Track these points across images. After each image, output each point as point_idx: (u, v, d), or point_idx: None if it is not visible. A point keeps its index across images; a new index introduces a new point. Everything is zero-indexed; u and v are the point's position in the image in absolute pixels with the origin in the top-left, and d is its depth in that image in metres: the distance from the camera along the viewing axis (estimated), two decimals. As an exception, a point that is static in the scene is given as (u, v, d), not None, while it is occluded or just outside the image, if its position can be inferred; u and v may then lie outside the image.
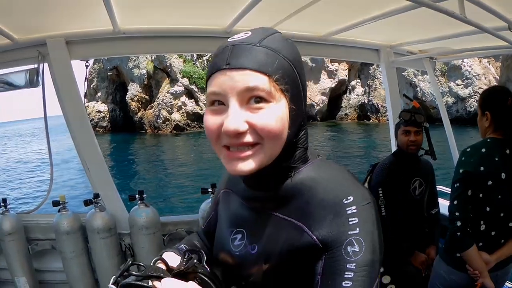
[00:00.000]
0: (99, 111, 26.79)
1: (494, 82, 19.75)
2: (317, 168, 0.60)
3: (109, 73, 26.22)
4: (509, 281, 1.81)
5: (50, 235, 2.15)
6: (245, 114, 0.52)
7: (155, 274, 0.56)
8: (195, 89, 23.45)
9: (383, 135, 15.78)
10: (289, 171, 0.59)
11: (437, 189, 2.13)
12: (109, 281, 0.58)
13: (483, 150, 1.43)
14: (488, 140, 1.47)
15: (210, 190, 2.10)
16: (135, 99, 24.37)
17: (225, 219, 0.71)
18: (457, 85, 20.77)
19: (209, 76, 0.55)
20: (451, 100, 20.78)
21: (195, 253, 0.62)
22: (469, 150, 1.47)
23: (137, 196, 1.97)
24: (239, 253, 0.63)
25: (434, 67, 2.42)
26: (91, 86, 27.33)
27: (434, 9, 1.40)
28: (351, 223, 0.52)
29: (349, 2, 1.71)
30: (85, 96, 2.03)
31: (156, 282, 0.55)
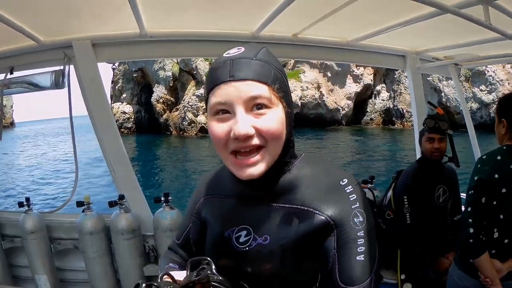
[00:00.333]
0: (124, 112, 27.12)
1: (518, 88, 19.46)
2: (307, 160, 0.69)
3: (134, 75, 26.58)
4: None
5: (73, 234, 2.18)
6: (251, 120, 0.58)
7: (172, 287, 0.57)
8: (222, 91, 23.59)
9: (407, 140, 15.50)
10: (286, 166, 0.67)
11: (461, 196, 2.11)
12: (131, 282, 0.60)
13: (498, 158, 1.42)
14: (504, 148, 1.45)
15: (163, 199, 2.01)
16: (161, 101, 24.64)
17: (218, 221, 0.72)
18: (481, 90, 20.43)
19: (211, 88, 0.61)
20: (475, 105, 20.45)
21: (201, 262, 0.61)
22: (484, 157, 1.47)
23: (162, 198, 1.98)
24: (248, 248, 0.65)
25: (459, 74, 2.39)
26: (116, 87, 27.74)
27: (459, 16, 1.39)
28: (351, 199, 0.63)
29: (375, 9, 1.70)
30: (110, 97, 2.04)
31: None
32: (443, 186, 1.97)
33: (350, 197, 0.63)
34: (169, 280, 0.60)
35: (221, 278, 0.57)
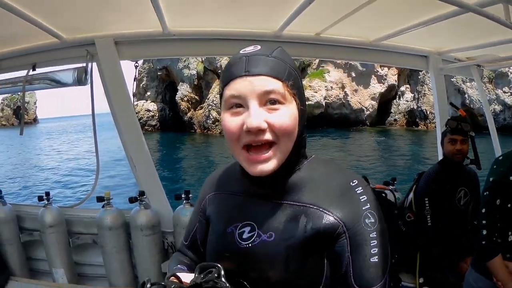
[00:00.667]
0: (148, 110, 27.45)
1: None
2: (317, 162, 0.70)
3: (158, 73, 26.88)
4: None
5: (92, 229, 2.21)
6: (264, 114, 0.59)
7: (176, 287, 0.56)
8: (246, 91, 23.69)
9: (431, 142, 15.28)
10: (296, 165, 0.67)
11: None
12: (149, 277, 0.60)
13: None
14: None
15: (183, 196, 2.04)
16: (185, 99, 24.89)
17: (222, 218, 0.71)
18: (504, 92, 19.91)
19: (226, 83, 0.62)
20: (498, 107, 19.94)
21: (212, 267, 0.60)
22: (501, 158, 1.45)
23: (183, 196, 1.99)
24: (251, 245, 0.64)
25: (482, 75, 2.35)
26: (141, 85, 28.04)
27: (479, 14, 1.37)
28: (362, 200, 0.62)
29: (397, 8, 1.69)
30: (134, 95, 2.06)
31: None
32: (465, 188, 1.95)
33: (360, 198, 0.62)
34: (175, 281, 0.59)
35: (228, 286, 0.56)
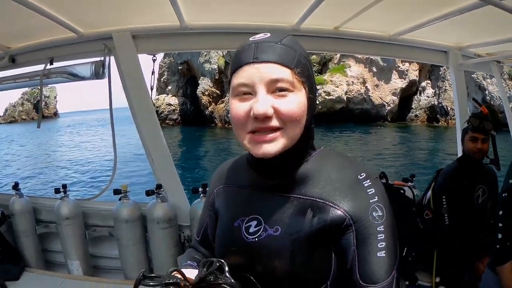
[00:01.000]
0: (169, 104, 27.57)
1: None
2: (326, 154, 0.68)
3: (179, 67, 26.97)
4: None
5: (109, 222, 2.23)
6: (271, 100, 0.58)
7: (172, 281, 0.54)
8: (267, 85, 23.65)
9: (451, 139, 15.15)
10: (304, 156, 0.66)
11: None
12: (164, 271, 0.58)
13: None
14: None
15: (200, 189, 2.04)
16: (206, 93, 24.85)
17: (229, 212, 0.71)
18: None
19: (234, 70, 0.62)
20: None
21: (215, 262, 0.59)
22: None
23: (200, 189, 2.00)
24: (257, 239, 0.63)
25: (502, 71, 2.30)
26: (162, 79, 28.23)
27: (499, 7, 1.34)
28: (370, 193, 0.60)
29: (417, 1, 1.66)
30: (151, 88, 2.07)
31: None
32: (483, 186, 1.93)
33: (368, 191, 0.60)
34: (177, 275, 0.57)
35: (233, 281, 0.54)
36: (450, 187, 1.88)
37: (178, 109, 27.65)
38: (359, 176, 0.62)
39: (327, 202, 0.60)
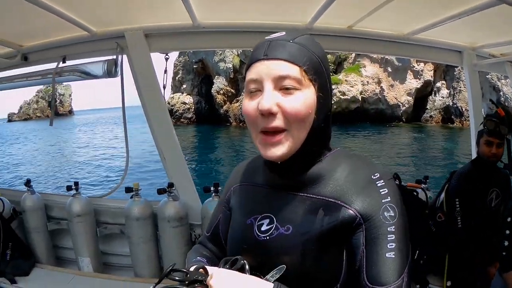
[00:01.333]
0: (184, 103, 27.74)
1: None
2: (340, 154, 0.67)
3: (194, 66, 27.07)
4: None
5: (120, 220, 2.24)
6: (277, 97, 0.59)
7: (200, 278, 0.55)
8: (282, 84, 23.58)
9: (466, 140, 15.03)
10: (317, 156, 0.65)
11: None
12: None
13: None
14: None
15: (212, 189, 2.04)
16: (221, 92, 24.90)
17: (243, 210, 0.71)
18: None
19: (248, 67, 0.63)
20: None
21: (235, 261, 0.59)
22: None
23: (212, 188, 2.00)
24: (269, 237, 0.63)
25: (517, 71, 2.27)
26: (176, 78, 28.43)
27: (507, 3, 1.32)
28: (382, 193, 0.59)
29: (430, 0, 1.64)
30: (164, 87, 2.07)
31: None
32: (496, 189, 1.91)
33: (381, 191, 0.59)
34: (202, 272, 0.58)
35: None
36: (464, 190, 1.86)
37: (193, 107, 27.77)
38: (372, 176, 0.61)
39: (339, 202, 0.60)
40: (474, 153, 1.98)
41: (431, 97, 24.22)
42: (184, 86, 28.27)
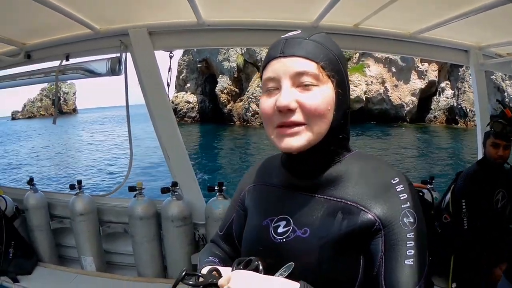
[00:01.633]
0: (188, 102, 27.72)
1: None
2: (360, 156, 0.66)
3: (198, 65, 27.06)
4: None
5: (123, 219, 2.23)
6: (295, 94, 0.58)
7: (214, 282, 0.55)
8: (286, 84, 23.47)
9: (470, 141, 14.76)
10: (336, 156, 0.64)
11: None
12: (177, 269, 0.59)
13: None
14: None
15: (216, 188, 2.03)
16: (225, 91, 24.87)
17: (259, 211, 0.70)
18: None
19: (264, 66, 0.63)
20: None
21: (250, 261, 0.59)
22: None
23: (216, 188, 1.99)
24: (285, 240, 0.62)
25: (523, 71, 2.26)
26: (180, 77, 28.38)
27: None
28: (402, 198, 0.58)
29: None
30: (168, 85, 2.06)
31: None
32: (503, 190, 1.90)
33: (400, 196, 0.58)
34: (216, 275, 0.58)
35: None
36: (471, 191, 1.84)
37: (197, 106, 27.75)
38: (392, 181, 0.60)
39: (358, 205, 0.59)
40: (480, 153, 1.96)
41: (435, 97, 24.09)
42: (188, 85, 28.25)
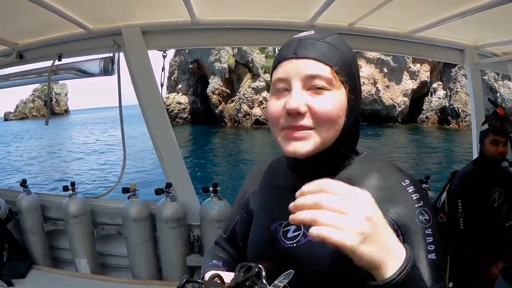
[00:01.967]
0: (179, 103, 27.60)
1: None
2: (368, 159, 0.65)
3: (190, 66, 26.93)
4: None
5: (117, 220, 2.21)
6: (306, 97, 0.56)
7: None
8: (277, 85, 23.42)
9: (463, 141, 14.89)
10: (346, 160, 0.63)
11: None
12: (173, 270, 0.57)
13: None
14: None
15: (211, 189, 2.00)
16: (216, 92, 24.83)
17: (266, 215, 0.68)
18: None
19: (275, 67, 0.61)
20: None
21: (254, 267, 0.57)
22: None
23: (210, 188, 1.97)
24: (296, 245, 0.61)
25: (518, 71, 2.26)
26: (172, 78, 28.24)
27: None
28: (414, 198, 0.58)
29: None
30: (162, 85, 2.04)
31: None
32: (499, 189, 1.89)
33: (413, 196, 0.58)
34: (218, 281, 0.56)
35: (268, 286, 0.53)
36: (467, 190, 1.84)
37: (188, 107, 27.66)
38: (402, 183, 0.60)
39: None
40: (475, 153, 1.96)
41: (427, 98, 24.18)
42: (180, 86, 28.17)
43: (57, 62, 2.25)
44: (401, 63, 22.95)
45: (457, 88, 21.98)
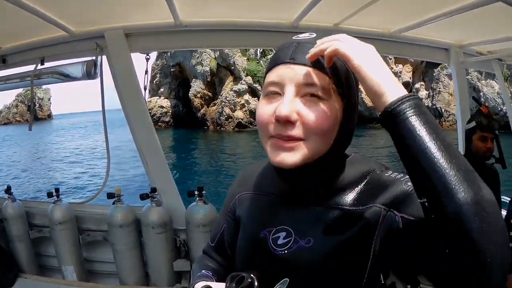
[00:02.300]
0: (161, 107, 27.48)
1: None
2: (356, 160, 0.63)
3: (172, 69, 26.82)
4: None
5: (103, 226, 2.17)
6: (298, 105, 0.53)
7: None
8: (259, 87, 23.06)
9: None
10: (336, 166, 0.61)
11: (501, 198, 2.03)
12: (160, 275, 0.56)
13: None
14: None
15: (196, 193, 1.98)
16: (198, 95, 24.79)
17: (254, 221, 0.65)
18: None
19: (269, 69, 0.57)
20: None
21: (246, 278, 0.55)
22: None
23: (196, 193, 1.94)
24: (287, 251, 0.58)
25: (503, 69, 2.27)
26: (154, 81, 28.10)
27: (505, 2, 1.30)
28: (403, 180, 0.54)
29: None
30: (145, 88, 2.01)
31: None
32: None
33: (402, 179, 0.54)
34: None
35: None
36: None
37: (171, 111, 27.56)
38: (392, 175, 0.57)
39: (360, 208, 0.56)
40: (461, 151, 1.96)
41: (410, 98, 24.50)
42: (162, 90, 28.05)
43: (39, 66, 2.21)
44: (383, 64, 23.25)
45: (439, 88, 22.31)
